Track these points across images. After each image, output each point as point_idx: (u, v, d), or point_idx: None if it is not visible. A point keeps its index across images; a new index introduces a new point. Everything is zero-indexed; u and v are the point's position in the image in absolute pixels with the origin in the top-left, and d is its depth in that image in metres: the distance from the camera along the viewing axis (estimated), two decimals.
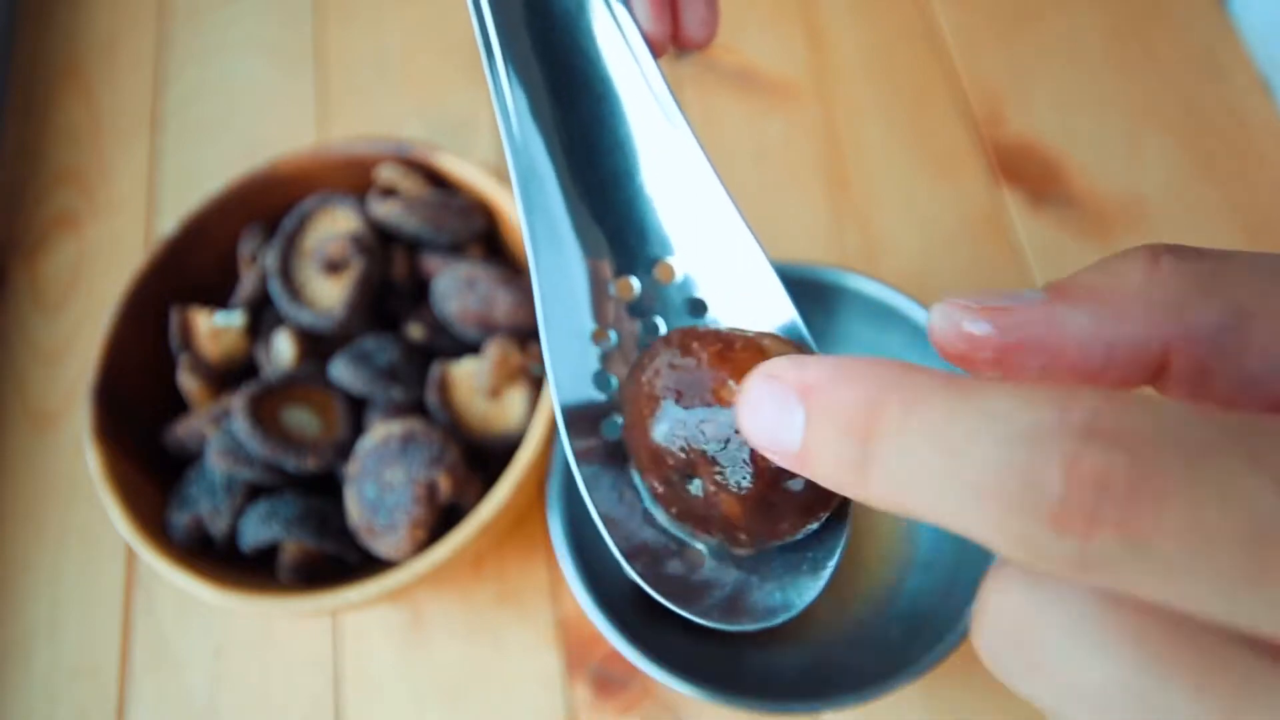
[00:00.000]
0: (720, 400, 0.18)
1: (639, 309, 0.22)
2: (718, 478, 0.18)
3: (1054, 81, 0.51)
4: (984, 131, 0.50)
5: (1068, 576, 0.12)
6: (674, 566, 0.20)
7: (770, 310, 0.21)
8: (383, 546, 0.38)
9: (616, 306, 0.22)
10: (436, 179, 0.45)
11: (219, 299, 0.46)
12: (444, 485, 0.38)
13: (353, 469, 0.39)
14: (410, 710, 0.41)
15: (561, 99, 0.22)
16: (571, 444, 0.20)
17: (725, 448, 0.18)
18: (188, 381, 0.42)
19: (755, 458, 0.18)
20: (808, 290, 0.39)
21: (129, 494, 0.39)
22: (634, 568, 0.19)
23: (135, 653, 0.44)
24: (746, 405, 0.15)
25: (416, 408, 0.41)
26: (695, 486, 0.19)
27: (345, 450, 0.40)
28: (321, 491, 0.41)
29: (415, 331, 0.43)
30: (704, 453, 0.18)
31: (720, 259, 0.22)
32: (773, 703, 0.33)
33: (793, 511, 0.18)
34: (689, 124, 0.22)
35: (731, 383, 0.18)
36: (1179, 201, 0.47)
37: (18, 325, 0.53)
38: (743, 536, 0.19)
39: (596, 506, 0.20)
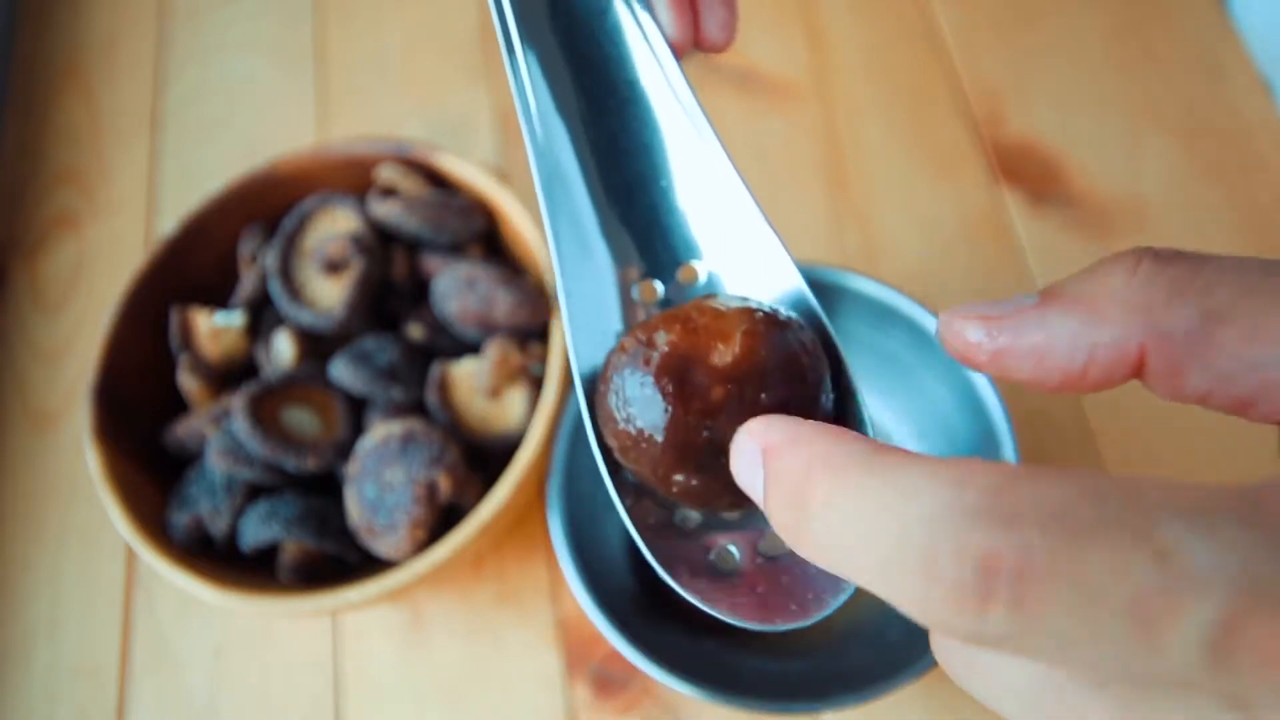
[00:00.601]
0: (715, 367, 0.18)
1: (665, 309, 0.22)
2: None
3: (1054, 81, 0.51)
4: (984, 131, 0.50)
5: (974, 647, 0.13)
6: (706, 570, 0.20)
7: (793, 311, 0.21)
8: (383, 546, 0.38)
9: (644, 310, 0.22)
10: (436, 179, 0.45)
11: (219, 299, 0.46)
12: (444, 485, 0.38)
13: (353, 469, 0.39)
14: (410, 710, 0.41)
15: (585, 100, 0.22)
16: (606, 464, 0.20)
17: (740, 402, 0.18)
18: (188, 381, 0.42)
19: (783, 388, 0.18)
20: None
21: (129, 494, 0.39)
22: (676, 579, 0.19)
23: (135, 653, 0.44)
24: (733, 455, 0.17)
25: (416, 408, 0.41)
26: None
27: (345, 450, 0.40)
28: (321, 491, 0.41)
29: (415, 331, 0.43)
30: (727, 412, 0.18)
31: (744, 261, 0.21)
32: (773, 703, 0.33)
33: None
34: (713, 126, 0.22)
35: (720, 345, 0.19)
36: (1179, 201, 0.47)
37: (18, 325, 0.53)
38: None
39: (633, 520, 0.20)
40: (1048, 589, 0.12)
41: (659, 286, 0.22)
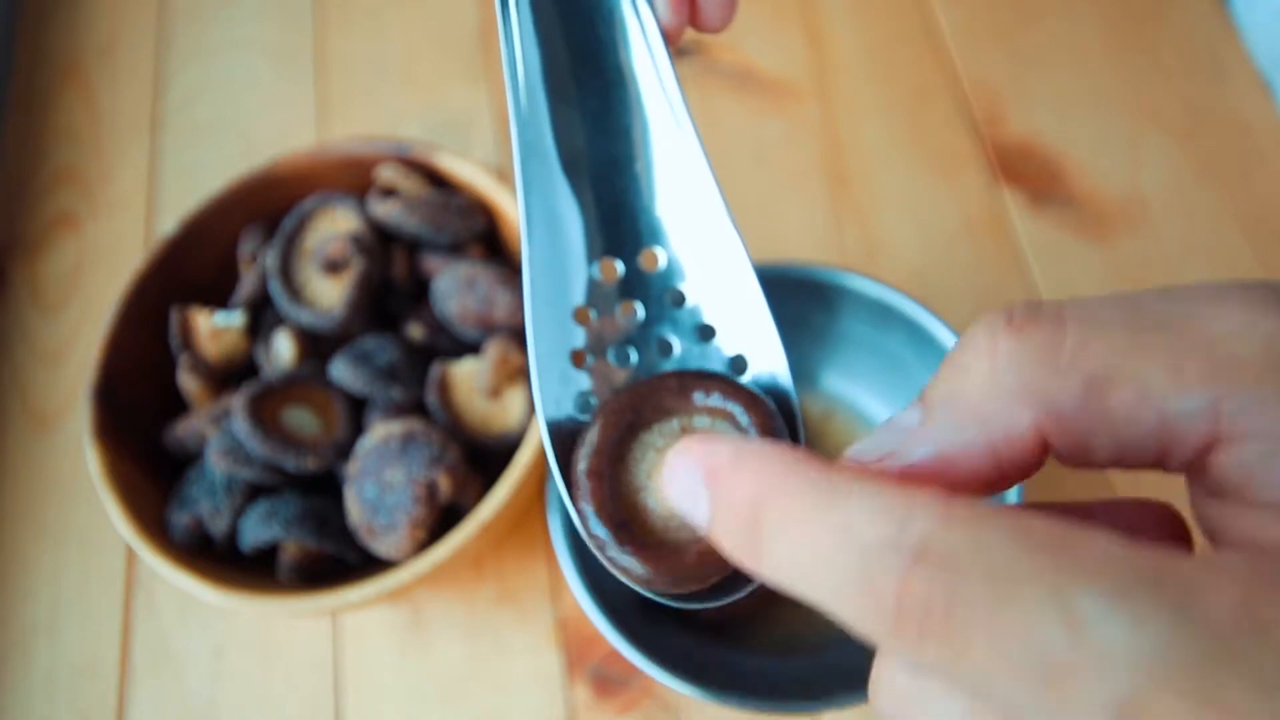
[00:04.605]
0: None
1: (622, 291, 0.23)
2: None
3: (1054, 81, 0.51)
4: (984, 131, 0.50)
5: (917, 671, 0.14)
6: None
7: (747, 312, 0.22)
8: (383, 546, 0.38)
9: (602, 289, 0.23)
10: (436, 179, 0.45)
11: (219, 299, 0.46)
12: (444, 485, 0.38)
13: (353, 469, 0.39)
14: (410, 710, 0.41)
15: (572, 77, 0.23)
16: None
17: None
18: (188, 381, 0.42)
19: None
20: (808, 290, 0.39)
21: (129, 494, 0.39)
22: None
23: (135, 653, 0.44)
24: (666, 478, 0.17)
25: (416, 408, 0.41)
26: None
27: (345, 450, 0.40)
28: (321, 491, 0.41)
29: (415, 331, 0.43)
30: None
31: (706, 257, 0.22)
32: (773, 702, 0.33)
33: None
34: (694, 124, 0.22)
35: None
36: (1179, 201, 0.47)
37: (18, 325, 0.53)
38: None
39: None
40: (970, 636, 0.13)
41: (619, 266, 0.23)
